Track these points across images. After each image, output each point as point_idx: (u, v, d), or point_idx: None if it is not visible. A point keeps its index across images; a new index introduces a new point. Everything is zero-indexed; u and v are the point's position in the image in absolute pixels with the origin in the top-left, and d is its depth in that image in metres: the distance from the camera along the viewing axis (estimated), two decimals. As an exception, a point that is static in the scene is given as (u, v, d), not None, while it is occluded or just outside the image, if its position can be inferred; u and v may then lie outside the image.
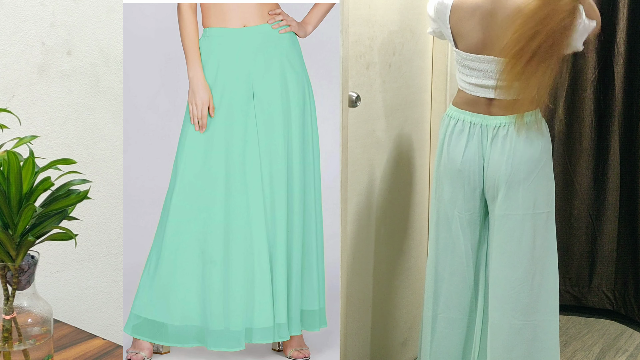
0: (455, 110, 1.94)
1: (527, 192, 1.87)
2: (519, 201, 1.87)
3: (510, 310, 1.90)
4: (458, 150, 1.91)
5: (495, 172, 1.87)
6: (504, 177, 1.86)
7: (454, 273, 1.98)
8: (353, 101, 2.09)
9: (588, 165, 3.10)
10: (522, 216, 1.87)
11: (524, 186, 1.86)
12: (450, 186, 1.94)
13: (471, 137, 1.90)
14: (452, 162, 1.92)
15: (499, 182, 1.87)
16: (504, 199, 1.87)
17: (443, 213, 1.97)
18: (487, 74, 1.87)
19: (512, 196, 1.87)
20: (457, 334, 2.01)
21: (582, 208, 3.14)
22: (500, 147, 1.86)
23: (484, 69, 1.87)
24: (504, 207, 1.88)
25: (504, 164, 1.86)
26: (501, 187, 1.87)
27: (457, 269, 1.97)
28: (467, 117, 1.91)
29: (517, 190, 1.86)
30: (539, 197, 1.89)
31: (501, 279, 1.91)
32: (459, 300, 1.99)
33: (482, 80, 1.88)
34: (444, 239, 1.97)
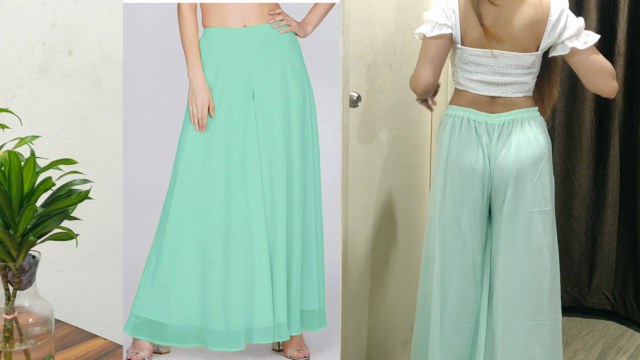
0: (458, 110, 1.93)
1: (534, 190, 1.88)
2: (527, 199, 1.88)
3: (521, 310, 1.91)
4: (467, 150, 1.90)
5: (502, 171, 1.88)
6: (512, 175, 1.87)
7: (462, 276, 1.96)
8: (354, 101, 2.09)
9: (588, 165, 3.10)
10: (529, 214, 1.88)
11: (530, 183, 1.87)
12: (459, 186, 1.92)
13: (478, 136, 1.90)
14: (460, 162, 1.91)
15: (507, 180, 1.88)
16: (512, 197, 1.88)
17: (451, 215, 1.94)
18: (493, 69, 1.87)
19: (519, 194, 1.88)
20: (465, 338, 1.99)
21: (582, 208, 3.14)
22: (506, 145, 1.87)
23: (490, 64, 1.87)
24: (512, 205, 1.88)
25: (511, 162, 1.87)
26: (509, 185, 1.88)
27: (466, 272, 1.96)
28: (472, 116, 1.90)
29: (525, 187, 1.87)
30: (545, 194, 1.90)
31: (510, 279, 1.91)
32: (467, 303, 1.97)
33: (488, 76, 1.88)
34: (452, 242, 1.95)
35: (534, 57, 1.87)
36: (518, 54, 1.85)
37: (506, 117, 1.88)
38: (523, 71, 1.87)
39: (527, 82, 1.90)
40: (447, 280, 1.97)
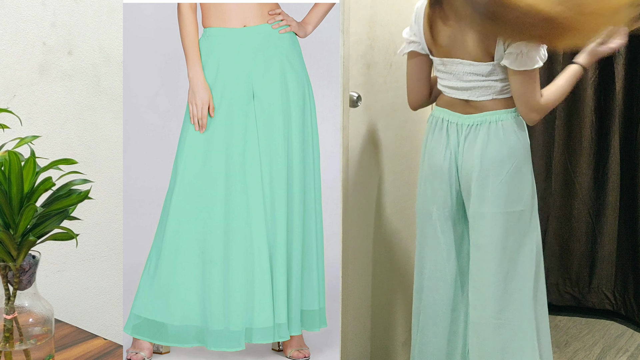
0: (437, 110, 1.99)
1: (497, 190, 1.86)
2: (489, 199, 1.87)
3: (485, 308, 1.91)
4: (437, 148, 1.95)
5: (467, 170, 1.90)
6: (475, 175, 1.88)
7: (435, 269, 2.01)
8: (354, 101, 2.09)
9: (588, 165, 3.10)
10: (492, 214, 1.87)
11: (493, 184, 1.86)
12: (430, 183, 1.98)
13: (448, 135, 1.94)
14: (431, 160, 1.97)
15: (471, 180, 1.90)
16: (476, 196, 1.89)
17: (425, 210, 2.01)
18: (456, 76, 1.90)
19: (482, 194, 1.88)
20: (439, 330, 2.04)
21: (582, 208, 3.14)
22: (472, 145, 1.89)
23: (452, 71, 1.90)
24: (476, 205, 1.89)
25: (475, 162, 1.88)
26: (472, 185, 1.89)
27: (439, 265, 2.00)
28: (446, 116, 1.95)
29: (487, 188, 1.87)
30: (511, 195, 1.87)
31: (476, 277, 1.93)
32: (439, 295, 2.02)
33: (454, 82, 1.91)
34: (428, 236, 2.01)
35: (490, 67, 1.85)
36: (474, 62, 1.86)
37: (476, 119, 1.90)
38: (482, 78, 1.87)
39: (492, 86, 1.88)
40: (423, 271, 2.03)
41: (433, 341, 2.04)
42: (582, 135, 3.08)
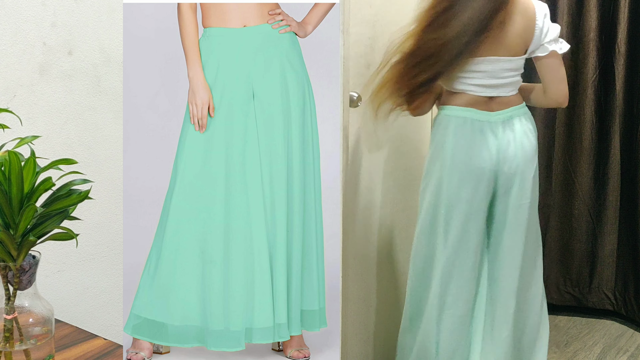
0: (455, 109, 1.97)
1: (534, 181, 2.00)
2: (529, 190, 1.99)
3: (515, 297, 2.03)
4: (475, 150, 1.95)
5: (510, 164, 1.96)
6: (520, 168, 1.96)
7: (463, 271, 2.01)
8: (354, 101, 2.09)
9: (588, 165, 3.10)
10: (528, 205, 2.00)
11: (530, 175, 1.99)
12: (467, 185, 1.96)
13: (485, 136, 1.96)
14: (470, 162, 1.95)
15: (515, 173, 1.97)
16: (519, 189, 1.97)
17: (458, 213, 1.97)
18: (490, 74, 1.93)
19: (525, 186, 1.98)
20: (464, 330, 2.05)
21: (582, 208, 3.14)
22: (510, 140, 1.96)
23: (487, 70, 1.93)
24: (519, 197, 1.98)
25: (517, 156, 1.96)
26: (516, 178, 1.97)
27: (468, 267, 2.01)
28: (474, 115, 1.96)
29: (528, 179, 1.98)
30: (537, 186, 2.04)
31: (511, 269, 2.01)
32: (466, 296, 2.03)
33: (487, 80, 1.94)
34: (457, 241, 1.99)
35: (523, 60, 1.97)
36: (512, 58, 1.93)
37: (506, 114, 1.97)
38: (515, 73, 1.97)
39: (518, 80, 2.00)
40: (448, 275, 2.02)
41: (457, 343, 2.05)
42: (583, 135, 3.08)
